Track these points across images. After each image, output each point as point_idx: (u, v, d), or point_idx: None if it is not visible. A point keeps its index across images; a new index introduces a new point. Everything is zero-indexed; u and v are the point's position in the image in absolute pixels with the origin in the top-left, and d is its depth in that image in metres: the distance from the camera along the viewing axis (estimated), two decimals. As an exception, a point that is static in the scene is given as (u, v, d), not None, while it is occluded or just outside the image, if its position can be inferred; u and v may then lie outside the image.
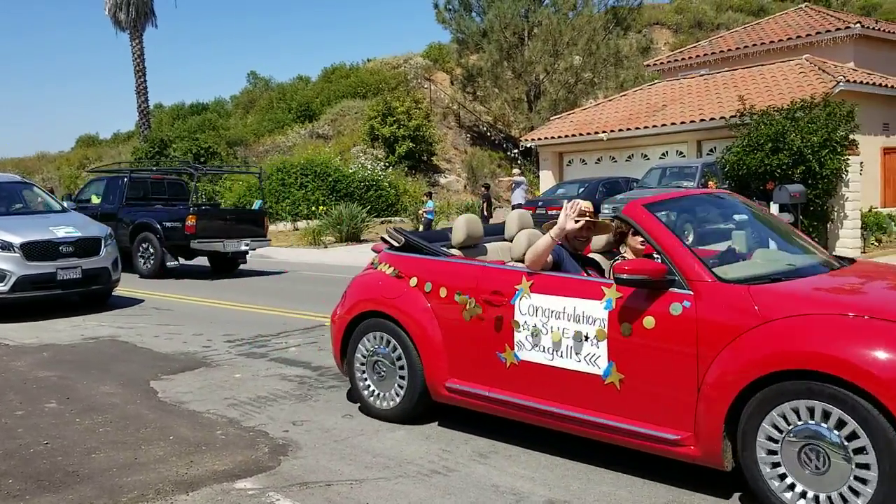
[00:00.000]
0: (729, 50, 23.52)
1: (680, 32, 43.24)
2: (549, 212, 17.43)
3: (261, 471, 4.17)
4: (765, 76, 20.30)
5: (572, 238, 4.51)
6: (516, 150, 32.22)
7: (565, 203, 4.44)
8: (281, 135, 36.59)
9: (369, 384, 5.08)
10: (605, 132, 21.61)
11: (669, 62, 25.80)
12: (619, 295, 3.87)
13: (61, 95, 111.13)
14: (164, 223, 13.83)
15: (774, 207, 13.73)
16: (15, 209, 10.78)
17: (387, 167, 28.89)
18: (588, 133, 22.18)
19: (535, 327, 4.16)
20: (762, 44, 22.67)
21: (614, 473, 4.03)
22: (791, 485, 3.35)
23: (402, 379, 4.87)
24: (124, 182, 14.92)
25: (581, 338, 3.97)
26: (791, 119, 14.67)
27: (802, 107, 14.96)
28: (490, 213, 21.52)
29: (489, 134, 35.63)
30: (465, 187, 32.45)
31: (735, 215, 4.79)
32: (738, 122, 15.94)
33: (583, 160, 23.73)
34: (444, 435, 4.74)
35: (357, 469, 4.18)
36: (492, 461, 4.27)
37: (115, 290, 10.92)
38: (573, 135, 22.67)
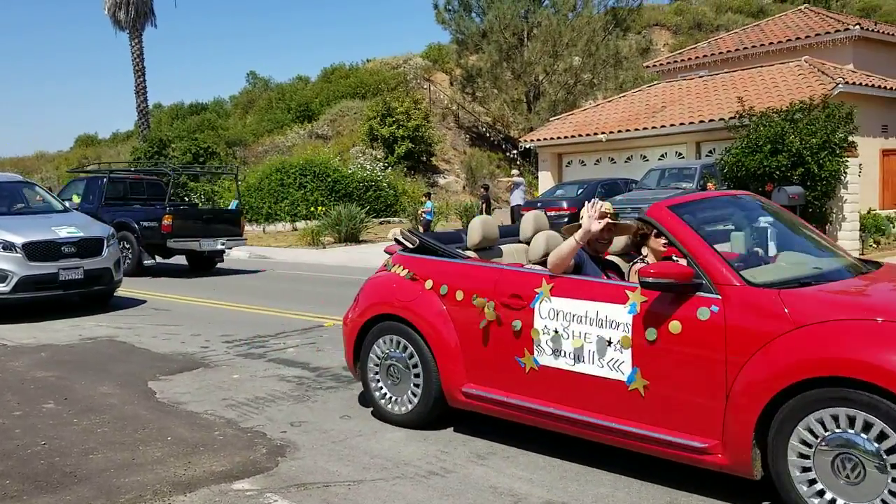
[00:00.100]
0: (728, 51, 23.54)
1: (679, 34, 43.28)
2: (548, 212, 17.44)
3: (258, 472, 4.17)
4: (764, 78, 20.32)
5: (593, 240, 4.40)
6: (515, 151, 32.22)
7: (586, 204, 4.30)
8: (280, 135, 36.59)
9: (383, 388, 4.99)
10: (605, 133, 21.62)
11: (669, 63, 25.81)
12: (644, 299, 3.77)
13: (60, 95, 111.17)
14: (142, 222, 14.11)
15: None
16: (16, 209, 10.71)
17: (386, 168, 28.89)
18: (587, 134, 22.19)
19: (556, 332, 4.06)
20: (761, 45, 22.69)
21: (612, 475, 4.03)
22: (822, 493, 3.26)
23: (417, 384, 4.77)
24: (103, 182, 15.19)
25: (604, 343, 3.87)
26: (790, 121, 14.69)
27: (801, 108, 14.98)
28: (489, 214, 21.50)
29: (488, 135, 35.64)
30: (464, 188, 32.46)
31: (761, 217, 4.64)
32: (738, 124, 15.96)
33: (582, 161, 23.73)
34: (442, 436, 4.73)
35: (355, 470, 4.18)
36: (490, 462, 4.27)
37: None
38: (572, 136, 22.68)
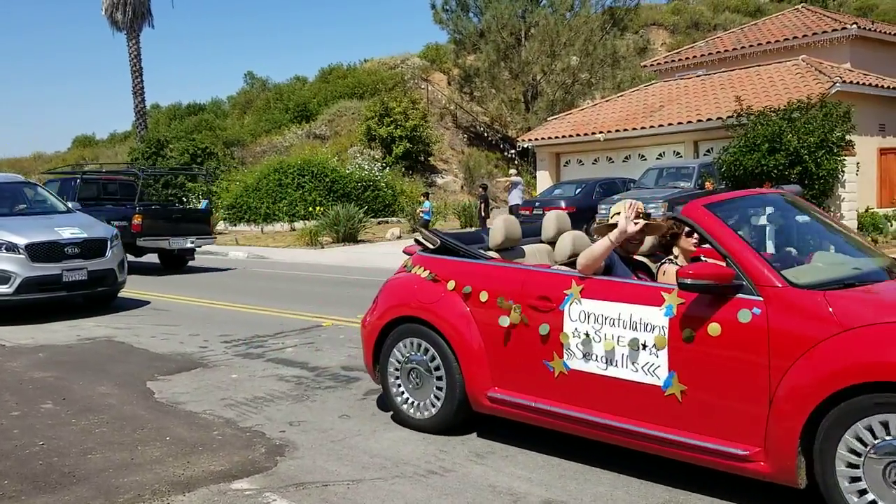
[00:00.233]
0: (726, 50, 23.56)
1: (677, 33, 43.30)
2: (546, 212, 17.43)
3: (257, 471, 4.17)
4: (762, 77, 20.34)
5: (625, 240, 4.24)
6: (513, 151, 32.23)
7: (622, 205, 4.19)
8: (278, 135, 36.58)
9: (404, 393, 4.87)
10: (603, 133, 21.63)
11: (666, 63, 25.82)
12: (681, 301, 3.65)
13: (58, 95, 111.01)
14: (112, 222, 14.20)
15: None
16: (19, 210, 10.62)
17: (384, 167, 28.89)
18: (585, 133, 22.20)
19: (587, 335, 3.94)
20: (759, 44, 22.71)
21: (611, 473, 4.03)
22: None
23: (440, 388, 4.66)
24: (76, 183, 15.48)
25: (638, 346, 3.75)
26: (788, 120, 14.72)
27: (799, 107, 15.01)
28: (487, 214, 21.52)
29: (486, 134, 35.65)
30: (462, 188, 32.46)
31: (797, 216, 4.49)
32: (735, 123, 15.99)
33: (580, 161, 23.74)
34: (441, 436, 4.73)
35: (354, 469, 4.18)
36: (489, 461, 4.27)
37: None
38: (570, 135, 22.68)
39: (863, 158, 17.35)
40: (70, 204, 11.66)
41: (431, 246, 4.93)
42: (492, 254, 4.90)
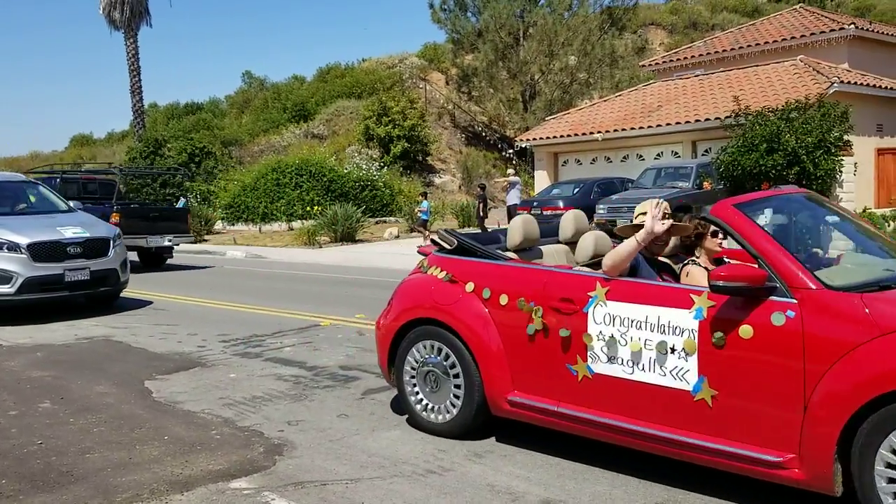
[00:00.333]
0: (724, 50, 23.59)
1: (675, 33, 43.37)
2: (545, 212, 17.46)
3: (256, 470, 4.16)
4: (759, 77, 20.37)
5: (651, 241, 4.12)
6: (511, 151, 32.26)
7: (648, 205, 4.08)
8: (276, 135, 36.58)
9: (420, 396, 4.75)
10: (601, 132, 21.65)
11: (664, 63, 25.85)
12: (712, 303, 3.54)
13: (55, 94, 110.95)
14: None
15: (769, 208, 13.79)
16: (20, 209, 10.52)
17: (382, 167, 28.89)
18: (583, 133, 22.21)
19: (612, 338, 3.84)
20: (757, 45, 22.74)
21: (610, 473, 4.03)
22: None
23: (458, 392, 4.55)
24: (57, 182, 15.56)
25: (666, 350, 3.65)
26: (786, 120, 14.74)
27: (797, 108, 15.04)
28: (486, 214, 21.54)
29: (484, 134, 35.67)
30: (460, 187, 32.47)
31: (827, 216, 4.40)
32: (733, 123, 16.01)
33: (578, 160, 23.76)
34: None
35: (352, 469, 4.18)
36: (487, 461, 4.27)
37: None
38: (568, 135, 22.70)
39: (860, 158, 17.38)
40: (72, 203, 11.58)
41: (448, 246, 4.80)
42: (510, 254, 4.79)
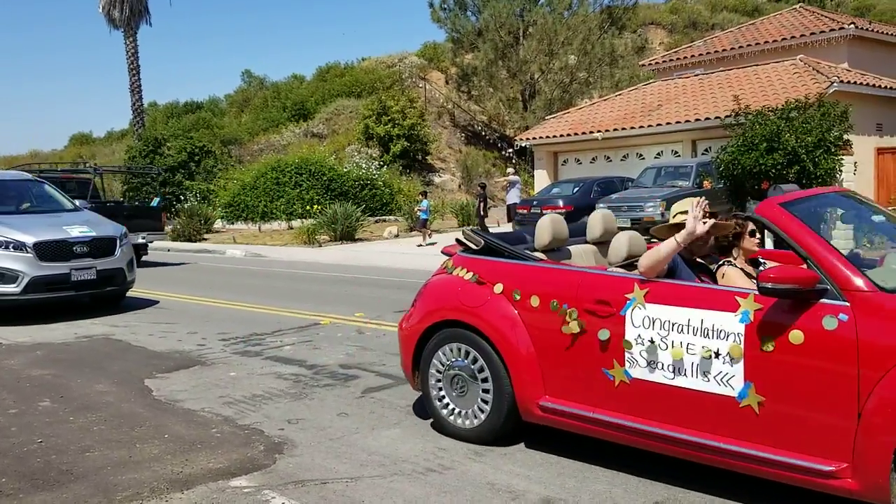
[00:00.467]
0: (724, 50, 23.58)
1: (675, 32, 43.37)
2: (544, 211, 17.46)
3: (256, 469, 4.17)
4: (759, 76, 20.37)
5: (692, 241, 3.97)
6: (511, 150, 32.25)
7: (688, 203, 3.99)
8: (275, 133, 36.57)
9: (446, 400, 4.63)
10: (600, 132, 21.64)
11: (664, 62, 25.84)
12: (759, 306, 3.41)
13: (55, 93, 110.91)
14: None
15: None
16: (26, 208, 10.44)
17: (381, 166, 28.89)
18: (583, 132, 22.21)
19: (652, 342, 3.70)
20: (757, 44, 22.73)
21: (609, 471, 4.03)
22: None
23: (486, 396, 4.43)
24: None
25: (710, 354, 3.52)
26: (786, 119, 14.73)
27: (797, 107, 15.02)
28: (486, 213, 21.56)
29: (484, 133, 35.67)
30: (460, 186, 32.47)
31: (873, 216, 4.28)
32: (733, 122, 15.99)
33: (577, 160, 23.75)
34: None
35: (352, 467, 4.18)
36: (487, 459, 4.27)
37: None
38: (568, 134, 22.69)
39: (860, 158, 17.38)
40: (77, 202, 11.51)
41: (474, 247, 4.69)
42: (538, 255, 4.68)
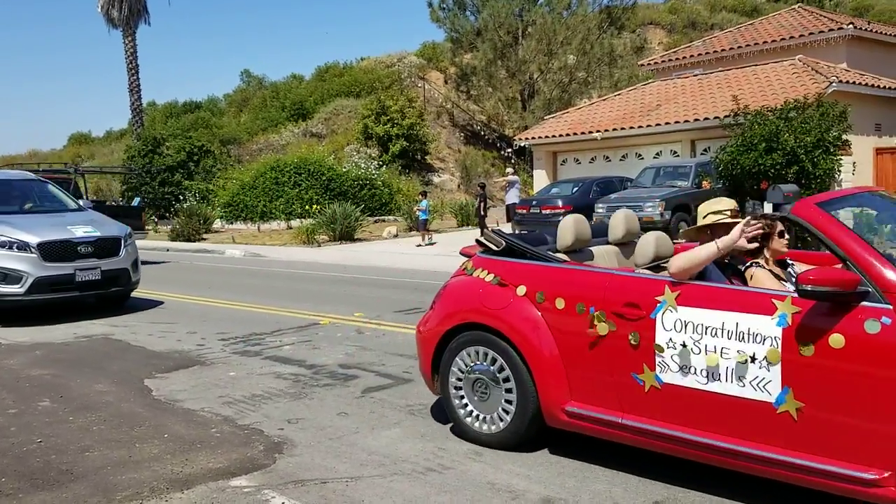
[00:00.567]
0: (723, 50, 23.59)
1: (674, 32, 43.39)
2: (543, 211, 17.47)
3: (256, 469, 4.17)
4: (758, 76, 20.38)
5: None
6: (510, 150, 32.26)
7: (717, 205, 4.08)
8: (274, 133, 36.56)
9: (467, 405, 4.53)
10: (599, 131, 21.65)
11: (663, 62, 25.85)
12: (797, 309, 3.31)
13: (54, 92, 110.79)
14: None
15: (768, 207, 13.80)
16: (29, 208, 10.39)
17: (380, 166, 28.88)
18: (582, 132, 22.21)
19: (684, 346, 3.60)
20: (756, 44, 22.74)
21: (609, 471, 4.03)
22: None
23: (509, 400, 4.32)
24: None
25: (746, 359, 3.42)
26: (784, 119, 14.74)
27: (796, 107, 15.03)
28: (485, 213, 21.55)
29: (483, 133, 35.67)
30: (459, 186, 32.47)
31: None
32: (732, 122, 16.00)
33: (577, 159, 23.76)
34: (440, 433, 4.73)
35: (352, 467, 4.18)
36: (487, 459, 4.27)
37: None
38: (567, 134, 22.70)
39: (859, 158, 17.40)
40: (81, 202, 11.43)
41: (495, 248, 4.60)
42: (561, 256, 4.58)
